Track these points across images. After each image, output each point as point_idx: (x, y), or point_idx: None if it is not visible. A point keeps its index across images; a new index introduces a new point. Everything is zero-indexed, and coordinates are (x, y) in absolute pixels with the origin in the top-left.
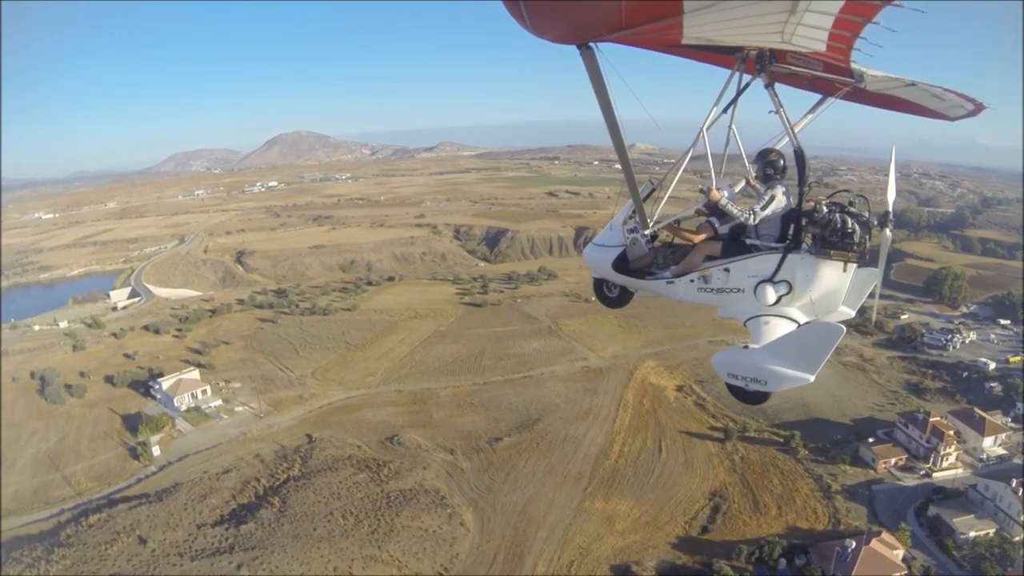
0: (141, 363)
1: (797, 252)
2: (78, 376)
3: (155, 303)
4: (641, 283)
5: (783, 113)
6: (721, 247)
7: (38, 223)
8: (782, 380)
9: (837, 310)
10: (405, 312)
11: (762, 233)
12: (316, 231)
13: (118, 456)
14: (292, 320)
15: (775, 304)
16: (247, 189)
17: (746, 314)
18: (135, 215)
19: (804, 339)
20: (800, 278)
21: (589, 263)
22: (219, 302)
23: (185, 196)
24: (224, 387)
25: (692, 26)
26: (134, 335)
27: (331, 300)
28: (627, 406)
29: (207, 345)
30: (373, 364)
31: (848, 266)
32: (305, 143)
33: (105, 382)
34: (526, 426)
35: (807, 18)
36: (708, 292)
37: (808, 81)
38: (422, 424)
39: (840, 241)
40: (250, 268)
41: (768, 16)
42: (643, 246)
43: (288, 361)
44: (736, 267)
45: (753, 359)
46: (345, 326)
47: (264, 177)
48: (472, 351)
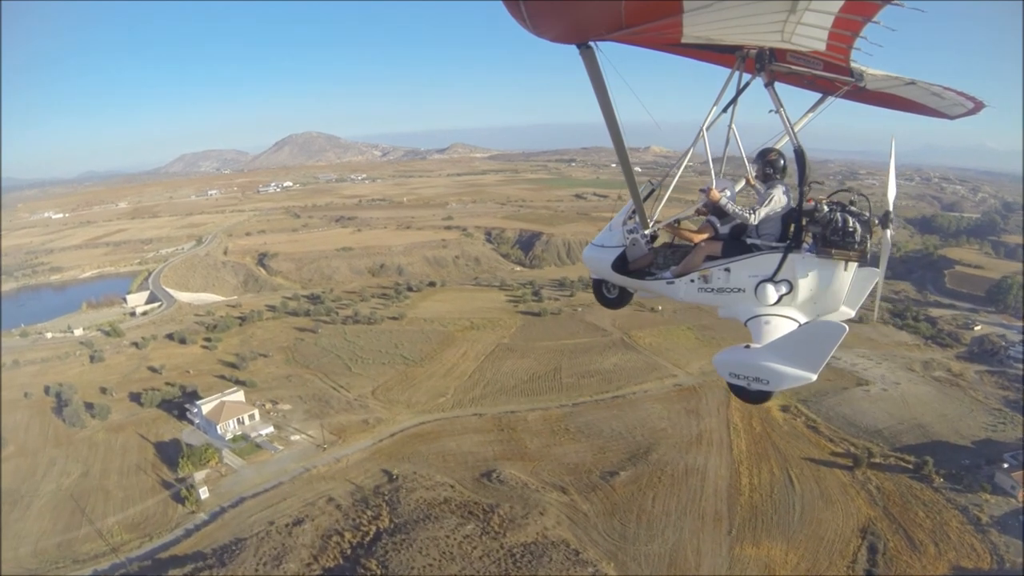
0: (169, 378)
1: (798, 252)
2: (98, 393)
3: (177, 309)
4: (641, 283)
5: (783, 112)
6: (722, 247)
7: (47, 223)
8: (784, 379)
9: (838, 309)
10: (458, 321)
11: (763, 233)
12: (340, 233)
13: (157, 497)
14: (334, 330)
15: (776, 304)
16: (262, 189)
17: (747, 314)
18: (148, 215)
19: (806, 338)
20: (801, 278)
21: (588, 264)
22: (247, 308)
23: (198, 196)
24: (272, 409)
25: (692, 25)
26: (157, 345)
27: (373, 307)
28: (738, 430)
29: (243, 358)
30: (440, 382)
31: (849, 265)
32: (315, 144)
33: (130, 401)
34: (638, 456)
35: (807, 17)
36: (709, 292)
37: (808, 80)
38: (518, 456)
39: (841, 240)
40: (273, 271)
41: (768, 15)
42: (643, 246)
43: (341, 378)
44: (737, 267)
45: (755, 358)
46: (396, 337)
47: (277, 178)
48: (547, 367)
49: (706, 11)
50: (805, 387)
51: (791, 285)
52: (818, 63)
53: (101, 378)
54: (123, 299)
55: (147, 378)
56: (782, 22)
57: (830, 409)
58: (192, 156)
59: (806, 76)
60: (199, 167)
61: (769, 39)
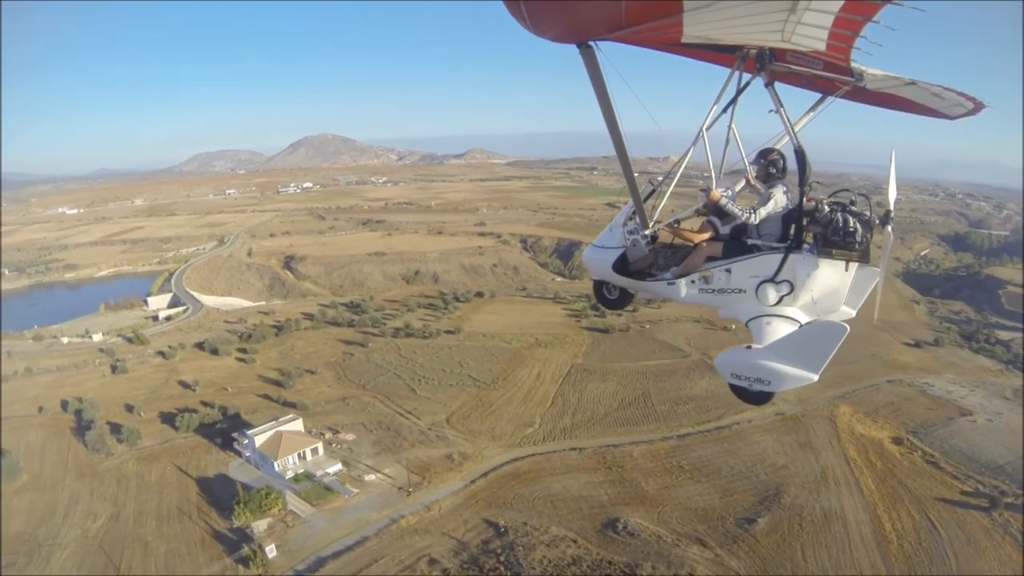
0: (205, 396)
1: (799, 252)
2: (123, 411)
3: (204, 314)
4: (642, 284)
5: (783, 112)
6: (722, 247)
7: (62, 218)
8: (786, 380)
9: (839, 310)
10: (520, 337)
11: (763, 233)
12: (369, 236)
13: (208, 552)
14: (385, 344)
15: (777, 304)
16: (282, 190)
17: (748, 314)
18: (165, 213)
19: (807, 338)
20: (802, 278)
21: (589, 265)
22: (281, 315)
23: (216, 195)
24: (333, 440)
25: (692, 25)
26: (187, 355)
27: (422, 319)
28: (859, 466)
29: (287, 374)
30: (521, 409)
31: (850, 265)
32: (331, 146)
33: (162, 422)
34: (769, 499)
35: (807, 17)
36: (709, 293)
37: (808, 80)
38: (637, 499)
39: (842, 240)
40: (301, 275)
41: (768, 15)
42: (643, 247)
43: (406, 402)
44: (737, 267)
45: (756, 359)
46: (457, 354)
47: (295, 179)
48: (634, 392)
49: (706, 11)
50: (912, 418)
51: (792, 285)
52: (818, 63)
53: (125, 393)
54: (144, 301)
55: (178, 395)
56: (782, 22)
57: (944, 442)
58: (206, 156)
59: (806, 76)
60: (213, 167)
61: (769, 39)
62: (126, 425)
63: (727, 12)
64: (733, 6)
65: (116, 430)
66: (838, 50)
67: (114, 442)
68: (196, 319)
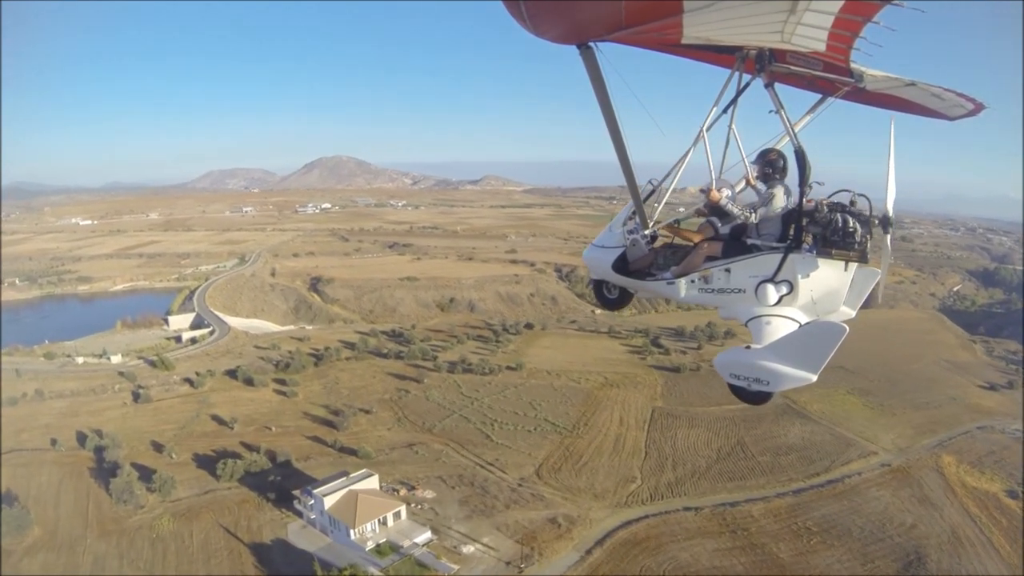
0: (245, 436)
1: (798, 252)
2: (150, 450)
3: (232, 338)
4: (641, 284)
5: (783, 113)
6: (722, 247)
7: (75, 229)
8: (784, 380)
9: (838, 310)
10: (588, 376)
11: (763, 233)
12: (398, 260)
13: None
14: (441, 380)
15: (776, 304)
16: (300, 209)
17: (747, 314)
18: (182, 228)
19: (806, 339)
20: (801, 278)
21: (589, 264)
22: (317, 342)
23: (233, 212)
24: (409, 497)
25: (692, 25)
26: (217, 384)
27: (475, 352)
28: (984, 523)
29: (337, 413)
30: (615, 460)
31: (849, 266)
32: (345, 168)
33: (198, 467)
34: (913, 565)
35: (807, 17)
36: (709, 293)
37: (808, 81)
38: (775, 569)
39: (842, 241)
40: (329, 298)
41: (768, 16)
42: (643, 247)
43: (484, 450)
44: (737, 267)
45: (755, 359)
46: (525, 393)
47: (310, 199)
48: (727, 440)
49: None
50: (1017, 467)
51: (791, 285)
52: (818, 64)
53: (151, 427)
54: (164, 320)
55: (213, 432)
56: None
57: None
58: (219, 173)
59: (806, 77)
60: (226, 184)
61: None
62: (158, 470)
63: (727, 13)
64: (733, 7)
65: (145, 475)
66: (838, 51)
67: (143, 491)
68: (224, 343)
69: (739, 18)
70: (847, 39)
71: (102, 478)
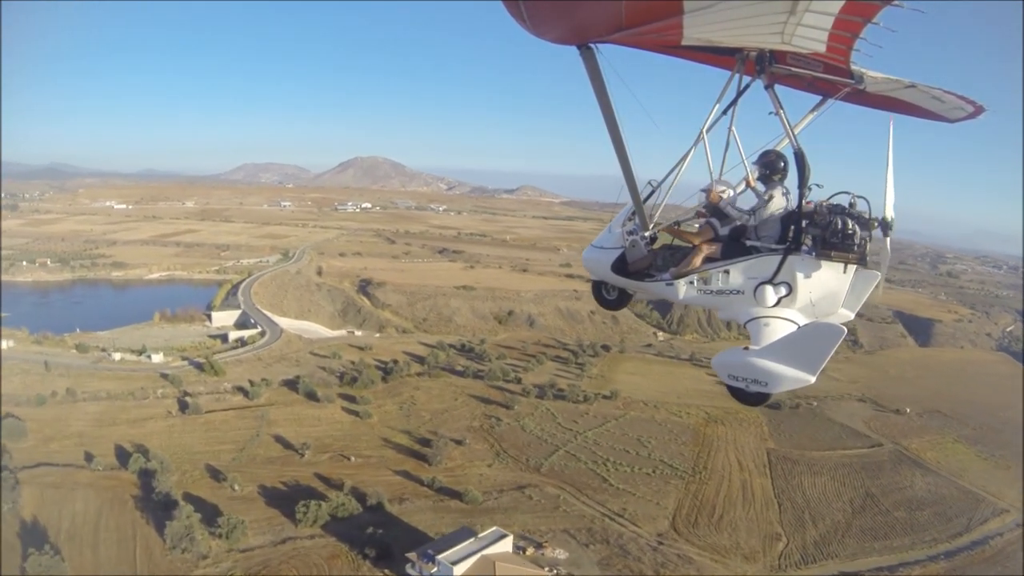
0: (319, 465)
1: (797, 254)
2: (206, 477)
3: (286, 342)
4: (640, 285)
5: (783, 114)
6: (721, 249)
7: (110, 212)
8: (782, 381)
9: (837, 312)
10: (686, 409)
11: (762, 235)
12: (450, 267)
13: None
14: (532, 407)
15: (775, 306)
16: (339, 207)
17: (746, 316)
18: (219, 219)
19: (805, 340)
20: (800, 280)
21: (588, 265)
22: (380, 352)
23: (270, 206)
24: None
25: (692, 27)
26: (275, 396)
27: (559, 375)
28: None
29: (426, 443)
30: (749, 511)
31: (848, 268)
32: (381, 169)
33: (268, 504)
34: None
35: (807, 18)
36: (708, 294)
37: (808, 82)
38: None
39: (841, 243)
40: (380, 303)
41: (768, 17)
42: (642, 248)
43: (605, 496)
44: (736, 269)
45: (753, 360)
46: (628, 427)
47: (349, 197)
48: (855, 490)
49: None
50: None
51: (790, 287)
52: (818, 65)
53: (204, 446)
54: (206, 315)
55: (280, 459)
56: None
57: None
58: (253, 167)
59: (806, 78)
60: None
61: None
62: (220, 508)
63: (727, 14)
64: (733, 7)
65: (206, 513)
66: (838, 52)
67: (205, 535)
68: (277, 347)
69: (739, 19)
70: (847, 40)
71: (150, 512)
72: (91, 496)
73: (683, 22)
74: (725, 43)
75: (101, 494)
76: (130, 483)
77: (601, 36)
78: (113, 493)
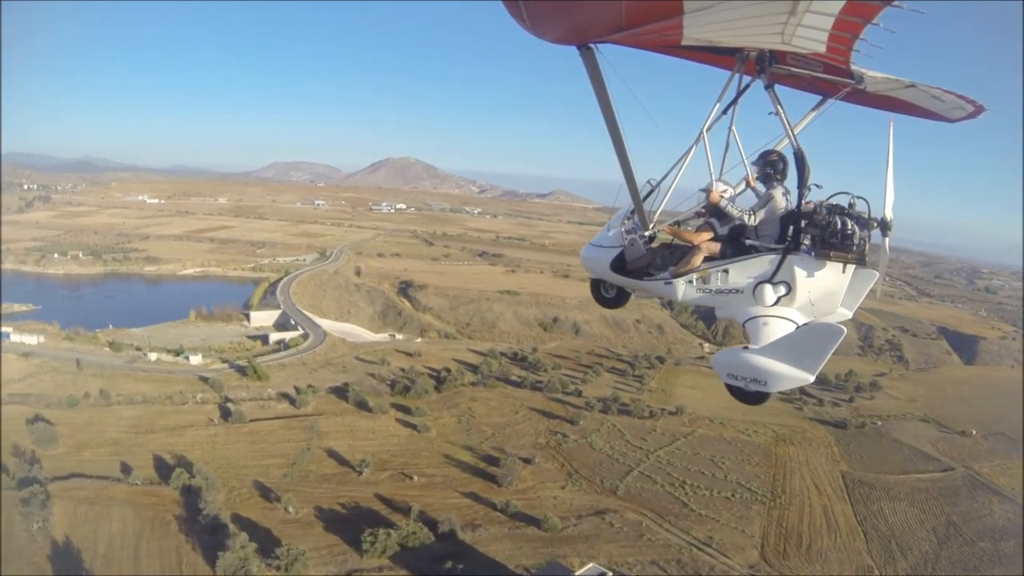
0: (380, 485)
1: (796, 253)
2: (255, 495)
3: (330, 346)
4: (639, 284)
5: (783, 114)
6: (720, 248)
7: (142, 206)
8: (782, 380)
9: (836, 311)
10: (753, 427)
11: (761, 234)
12: (491, 271)
13: None
14: (596, 422)
15: (774, 305)
16: (374, 207)
17: (745, 315)
18: (253, 216)
19: (804, 339)
20: (799, 279)
21: (586, 263)
22: (430, 359)
23: (304, 204)
24: None
25: (692, 27)
26: (323, 404)
27: (619, 388)
28: None
29: (492, 461)
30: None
31: (847, 267)
32: (413, 171)
33: (327, 529)
34: None
35: (807, 19)
36: (707, 293)
37: (808, 82)
38: None
39: (840, 242)
40: (421, 306)
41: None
42: (641, 247)
43: (688, 523)
44: (735, 268)
45: (753, 359)
46: (698, 446)
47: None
48: (935, 518)
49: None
50: None
51: (789, 287)
52: (818, 65)
53: (251, 459)
54: (244, 314)
55: (336, 476)
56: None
57: None
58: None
59: (806, 78)
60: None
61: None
62: (274, 533)
63: (727, 14)
64: (733, 8)
65: (261, 543)
66: (838, 52)
67: (260, 566)
68: (321, 351)
69: (739, 19)
70: (847, 40)
71: (196, 536)
72: (129, 515)
73: (683, 22)
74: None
75: (140, 512)
76: (172, 500)
77: (601, 36)
78: (154, 512)
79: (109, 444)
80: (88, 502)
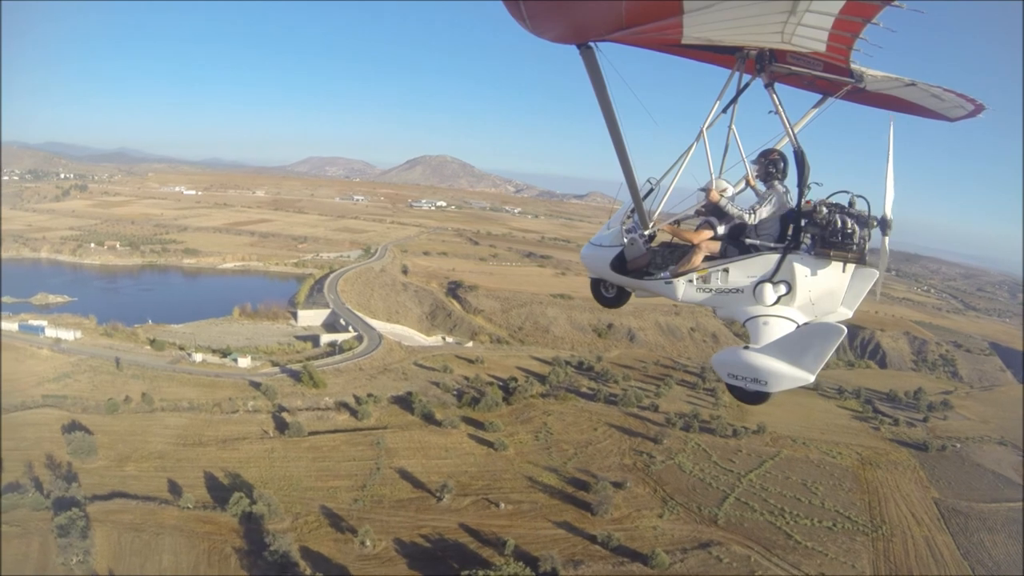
0: (466, 516)
1: (797, 252)
2: (324, 523)
3: (387, 350)
4: (639, 283)
5: (783, 113)
6: (720, 247)
7: (179, 197)
8: (782, 380)
9: (836, 310)
10: (835, 448)
11: (762, 233)
12: (540, 272)
13: None
14: (680, 441)
15: (774, 304)
16: (413, 204)
17: (745, 314)
18: (292, 209)
19: (804, 339)
20: (799, 278)
21: (587, 263)
22: (492, 366)
23: (343, 199)
24: None
25: (692, 26)
26: (386, 415)
27: (692, 403)
28: None
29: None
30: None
31: (847, 266)
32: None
33: (410, 566)
34: None
35: (807, 18)
36: (707, 292)
37: (808, 81)
38: None
39: (840, 241)
40: (471, 308)
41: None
42: (641, 246)
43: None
44: (735, 267)
45: (753, 359)
46: (788, 470)
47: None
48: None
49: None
50: None
51: (789, 286)
52: (818, 64)
53: (315, 480)
54: (290, 312)
55: (413, 502)
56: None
57: None
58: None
59: (806, 77)
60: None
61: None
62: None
63: (727, 13)
64: (733, 7)
65: None
66: (838, 51)
67: None
68: (378, 355)
69: (739, 19)
70: (847, 40)
71: (261, 574)
72: (182, 546)
73: (683, 22)
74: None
75: (195, 543)
76: (230, 529)
77: (601, 35)
78: (210, 543)
79: (154, 457)
80: (134, 529)
